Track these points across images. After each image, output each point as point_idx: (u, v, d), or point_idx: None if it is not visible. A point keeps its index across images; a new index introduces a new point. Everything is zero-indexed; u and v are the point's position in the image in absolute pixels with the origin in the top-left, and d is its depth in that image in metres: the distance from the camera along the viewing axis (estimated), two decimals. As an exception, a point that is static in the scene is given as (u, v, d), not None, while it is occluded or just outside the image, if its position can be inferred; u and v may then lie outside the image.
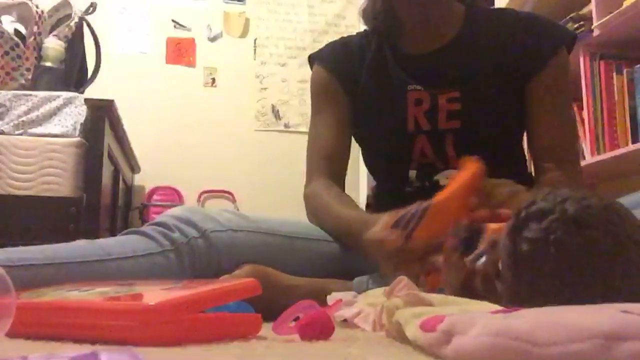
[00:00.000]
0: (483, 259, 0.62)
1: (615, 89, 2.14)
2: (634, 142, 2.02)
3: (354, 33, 1.22)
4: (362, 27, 1.22)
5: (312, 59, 1.19)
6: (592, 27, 2.13)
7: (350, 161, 1.14)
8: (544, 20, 1.09)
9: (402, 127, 1.03)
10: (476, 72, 1.04)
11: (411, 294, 0.57)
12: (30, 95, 1.92)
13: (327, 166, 1.09)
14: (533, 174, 1.09)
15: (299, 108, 3.40)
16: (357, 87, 1.09)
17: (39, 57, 2.06)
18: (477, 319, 0.39)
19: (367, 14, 1.16)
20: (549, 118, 1.04)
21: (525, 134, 1.11)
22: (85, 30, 2.22)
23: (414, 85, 1.03)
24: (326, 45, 1.20)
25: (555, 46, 1.04)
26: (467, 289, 0.62)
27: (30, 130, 1.88)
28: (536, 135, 1.06)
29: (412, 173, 1.06)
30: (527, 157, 1.22)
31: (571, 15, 2.18)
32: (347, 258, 0.98)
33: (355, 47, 1.15)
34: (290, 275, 0.90)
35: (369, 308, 0.68)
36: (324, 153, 1.10)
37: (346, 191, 1.10)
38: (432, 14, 1.06)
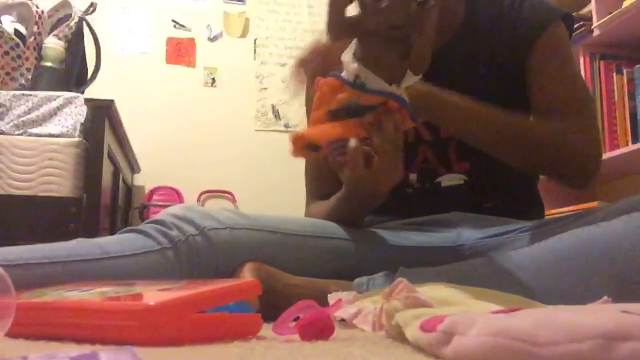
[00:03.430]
0: None
1: (615, 89, 2.14)
2: (634, 142, 2.03)
3: None
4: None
5: None
6: (592, 27, 2.14)
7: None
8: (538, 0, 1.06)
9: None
10: (476, 73, 1.03)
11: (410, 296, 0.57)
12: (30, 95, 1.92)
13: (322, 188, 1.09)
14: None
15: (299, 108, 3.40)
16: None
17: (39, 57, 2.06)
18: (477, 319, 0.39)
19: None
20: (548, 81, 1.02)
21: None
22: (85, 30, 2.22)
23: None
24: None
25: (548, 20, 1.02)
26: None
27: (30, 130, 1.88)
28: (537, 103, 1.03)
29: (413, 176, 1.06)
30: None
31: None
32: (348, 257, 0.98)
33: None
34: (290, 275, 0.90)
35: (369, 305, 0.68)
36: (317, 174, 1.09)
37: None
38: None
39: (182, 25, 3.40)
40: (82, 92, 2.11)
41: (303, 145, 0.80)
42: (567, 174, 1.01)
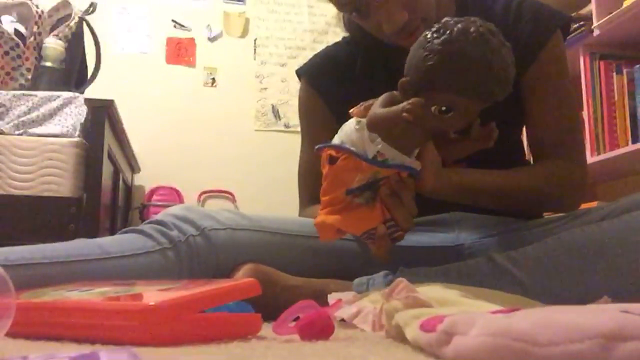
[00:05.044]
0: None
1: (615, 89, 2.14)
2: (634, 142, 2.03)
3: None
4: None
5: (299, 75, 1.17)
6: (592, 27, 2.14)
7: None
8: (534, 6, 1.04)
9: None
10: None
11: (410, 296, 0.57)
12: (30, 95, 1.92)
13: (316, 192, 1.08)
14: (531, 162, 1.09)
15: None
16: (344, 107, 0.93)
17: (39, 57, 2.06)
18: (477, 319, 0.39)
19: (352, 30, 1.11)
20: (545, 113, 1.02)
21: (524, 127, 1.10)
22: (85, 30, 2.22)
23: None
24: (313, 59, 1.17)
25: (546, 35, 1.01)
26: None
27: (30, 130, 1.88)
28: (533, 131, 1.05)
29: None
30: (525, 147, 1.21)
31: (571, 15, 2.18)
32: (348, 257, 0.98)
33: (343, 58, 1.11)
34: (290, 275, 0.90)
35: (369, 306, 0.68)
36: (311, 178, 1.09)
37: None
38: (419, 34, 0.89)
39: (182, 25, 3.40)
40: (82, 92, 2.11)
41: (332, 232, 0.83)
42: (558, 210, 1.03)
